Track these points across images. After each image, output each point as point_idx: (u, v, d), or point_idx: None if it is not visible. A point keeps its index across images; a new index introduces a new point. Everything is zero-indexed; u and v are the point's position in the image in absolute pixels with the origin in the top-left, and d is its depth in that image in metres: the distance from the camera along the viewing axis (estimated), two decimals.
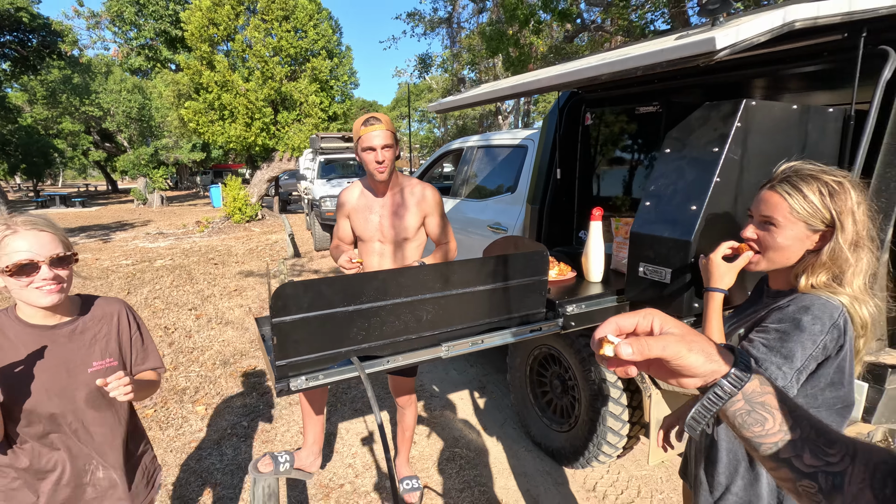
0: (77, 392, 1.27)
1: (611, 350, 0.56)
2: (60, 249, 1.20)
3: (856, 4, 1.25)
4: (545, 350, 2.78)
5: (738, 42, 1.06)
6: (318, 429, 2.16)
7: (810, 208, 1.02)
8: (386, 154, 1.90)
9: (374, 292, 1.14)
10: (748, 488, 1.11)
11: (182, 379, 3.97)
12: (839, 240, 1.01)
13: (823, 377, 1.04)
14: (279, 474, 1.98)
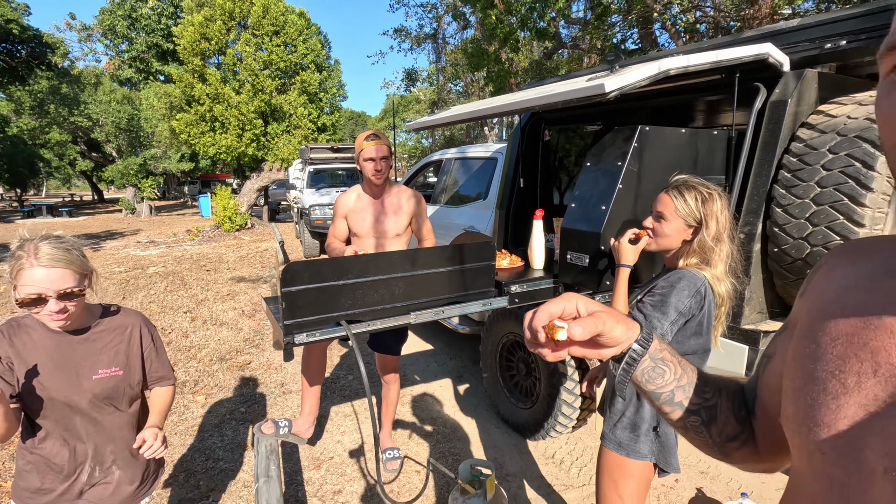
0: (83, 395, 1.36)
1: (564, 334, 0.58)
2: (71, 283, 1.27)
3: (722, 55, 1.67)
4: (511, 338, 3.17)
5: (623, 86, 1.47)
6: (313, 401, 2.51)
7: (687, 209, 1.43)
8: (383, 164, 2.32)
9: (358, 271, 1.51)
10: (635, 413, 1.50)
11: (182, 373, 4.27)
12: (704, 234, 1.41)
13: (689, 329, 1.44)
14: (279, 437, 2.32)
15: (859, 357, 0.47)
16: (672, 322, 1.39)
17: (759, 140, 1.85)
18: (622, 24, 8.38)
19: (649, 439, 1.49)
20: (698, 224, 1.42)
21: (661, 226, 1.47)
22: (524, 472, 2.78)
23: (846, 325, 0.50)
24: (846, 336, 0.49)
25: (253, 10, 12.32)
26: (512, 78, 11.37)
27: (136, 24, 18.57)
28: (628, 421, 1.51)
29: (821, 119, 1.76)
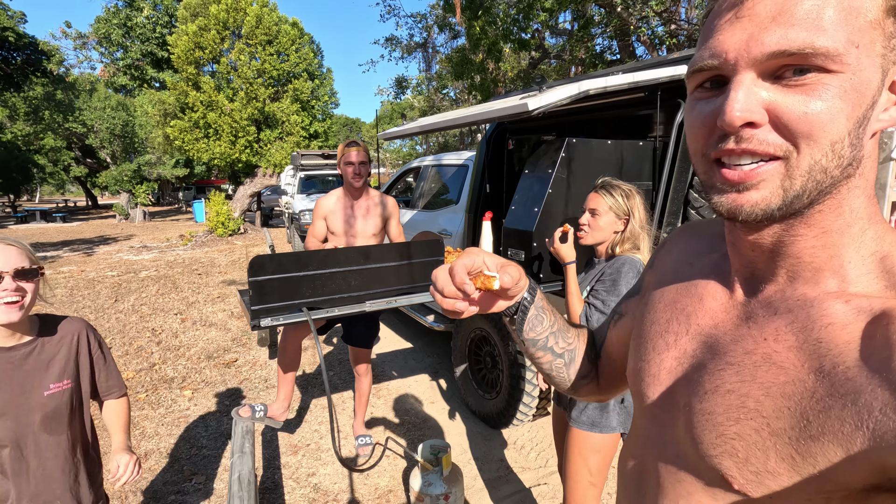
0: (32, 415, 1.25)
1: (498, 283, 0.58)
2: (26, 263, 1.21)
3: (637, 77, 1.92)
4: (479, 333, 3.39)
5: (544, 105, 1.70)
6: (288, 388, 2.73)
7: (616, 204, 1.68)
8: (362, 168, 2.57)
9: (317, 264, 1.74)
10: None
11: (170, 370, 4.46)
12: (633, 223, 1.67)
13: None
14: (254, 420, 2.53)
15: (678, 319, 0.57)
16: (617, 297, 1.62)
17: (679, 151, 2.10)
18: (603, 36, 8.70)
19: (616, 412, 1.68)
20: (626, 216, 1.67)
21: (596, 220, 1.70)
22: (486, 457, 2.99)
23: (672, 292, 0.60)
24: (671, 302, 0.59)
25: (247, 20, 12.59)
26: (500, 87, 11.66)
27: (131, 32, 18.82)
28: (594, 404, 1.69)
29: None
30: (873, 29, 0.39)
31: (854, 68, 0.38)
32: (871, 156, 0.44)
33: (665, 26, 7.53)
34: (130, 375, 4.32)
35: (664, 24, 7.39)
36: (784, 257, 0.47)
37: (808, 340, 0.42)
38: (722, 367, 0.48)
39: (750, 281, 0.51)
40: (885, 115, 0.42)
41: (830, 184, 0.42)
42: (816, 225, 0.44)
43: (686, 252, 0.64)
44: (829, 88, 0.39)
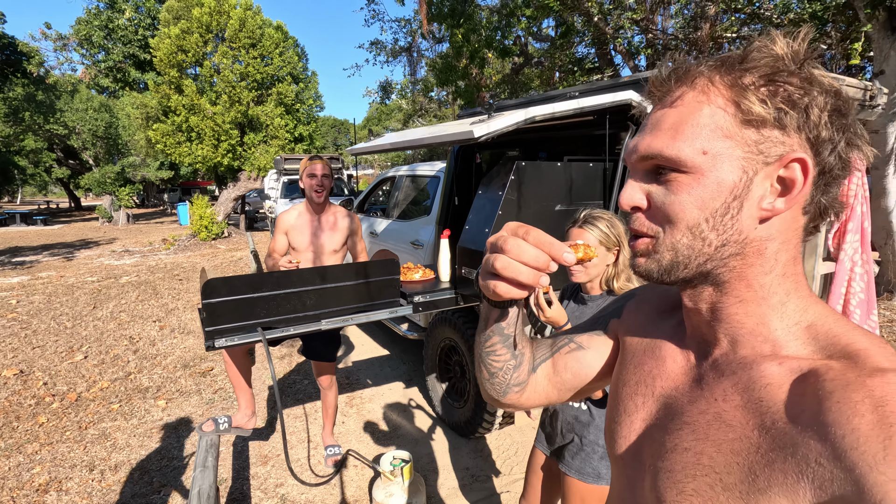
0: None
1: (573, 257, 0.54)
2: None
3: (583, 103, 2.00)
4: (448, 343, 3.46)
5: (491, 132, 1.78)
6: (247, 396, 2.76)
7: (604, 236, 1.56)
8: (324, 181, 2.57)
9: (272, 285, 1.79)
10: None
11: (145, 380, 4.47)
12: (624, 252, 1.58)
13: None
14: (220, 432, 2.57)
15: (645, 382, 0.61)
16: None
17: (627, 170, 2.19)
18: (582, 44, 8.83)
19: None
20: (617, 246, 1.58)
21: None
22: (453, 465, 3.06)
23: (640, 353, 0.64)
24: (639, 364, 0.63)
25: (230, 24, 12.55)
26: (483, 91, 11.76)
27: (113, 34, 18.62)
28: (602, 450, 1.59)
29: None
30: (727, 138, 0.49)
31: (705, 170, 0.49)
32: (772, 238, 0.50)
33: (642, 35, 7.67)
34: (105, 385, 4.33)
35: (642, 34, 7.54)
36: (720, 321, 0.53)
37: (751, 399, 0.47)
38: (680, 427, 0.52)
39: (701, 344, 0.56)
40: (767, 204, 0.49)
41: (709, 258, 0.51)
42: (731, 293, 0.52)
43: (653, 313, 0.68)
44: (682, 185, 0.50)
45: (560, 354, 0.78)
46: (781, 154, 0.48)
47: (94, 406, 3.96)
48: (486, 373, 0.75)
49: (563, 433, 1.68)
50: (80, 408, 3.93)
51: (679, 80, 0.52)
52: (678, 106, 0.51)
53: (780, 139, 0.48)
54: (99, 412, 3.85)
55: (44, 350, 5.27)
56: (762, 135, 0.48)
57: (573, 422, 1.65)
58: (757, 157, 0.48)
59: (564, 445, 1.68)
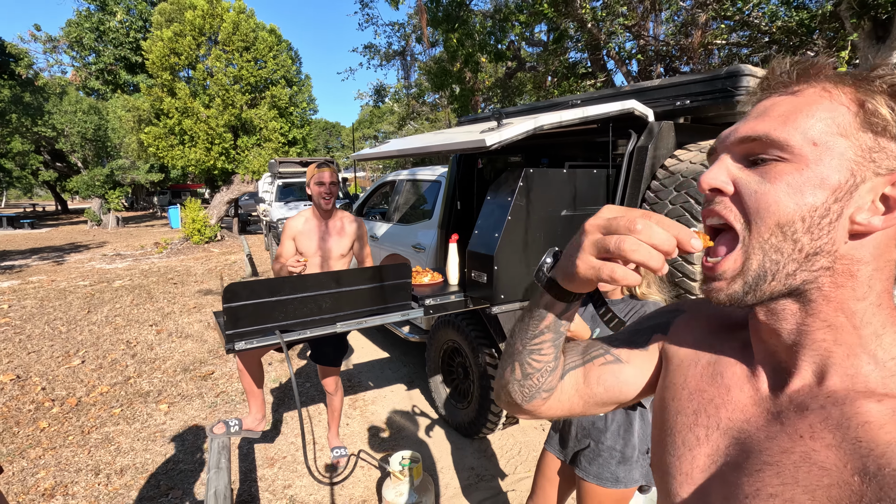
0: None
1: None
2: None
3: (588, 112, 2.08)
4: (451, 345, 3.51)
5: (502, 141, 1.85)
6: (258, 400, 2.80)
7: None
8: (332, 188, 2.62)
9: (289, 289, 1.84)
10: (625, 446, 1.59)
11: (146, 384, 4.47)
12: None
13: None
14: (231, 435, 2.61)
15: (706, 411, 0.54)
16: None
17: (630, 177, 2.27)
18: (575, 49, 8.97)
19: (639, 464, 1.58)
20: None
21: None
22: (458, 465, 3.11)
23: (696, 378, 0.58)
24: (697, 390, 0.57)
25: (223, 27, 12.53)
26: (477, 95, 11.86)
27: (104, 36, 18.47)
28: (620, 455, 1.59)
29: (673, 162, 2.18)
30: (842, 136, 0.45)
31: (811, 161, 0.45)
32: (865, 262, 0.46)
33: (634, 41, 7.81)
34: (105, 390, 4.32)
35: (634, 39, 7.68)
36: (802, 348, 0.48)
37: (846, 439, 0.41)
38: (760, 468, 0.46)
39: (776, 372, 0.51)
40: (862, 219, 0.45)
41: (799, 267, 0.46)
42: (819, 316, 0.47)
43: (709, 331, 0.62)
44: (781, 173, 0.46)
45: (593, 365, 0.71)
46: (894, 169, 0.44)
47: (96, 410, 3.95)
48: (520, 372, 0.69)
49: (579, 437, 1.67)
50: (81, 412, 3.93)
51: (802, 73, 0.49)
52: (796, 95, 0.48)
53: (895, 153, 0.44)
54: (101, 416, 3.85)
55: (39, 355, 5.24)
56: (878, 143, 0.45)
57: (589, 427, 1.64)
58: (868, 164, 0.45)
59: (580, 450, 1.66)
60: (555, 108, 2.77)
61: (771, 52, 7.28)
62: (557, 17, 7.52)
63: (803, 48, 7.01)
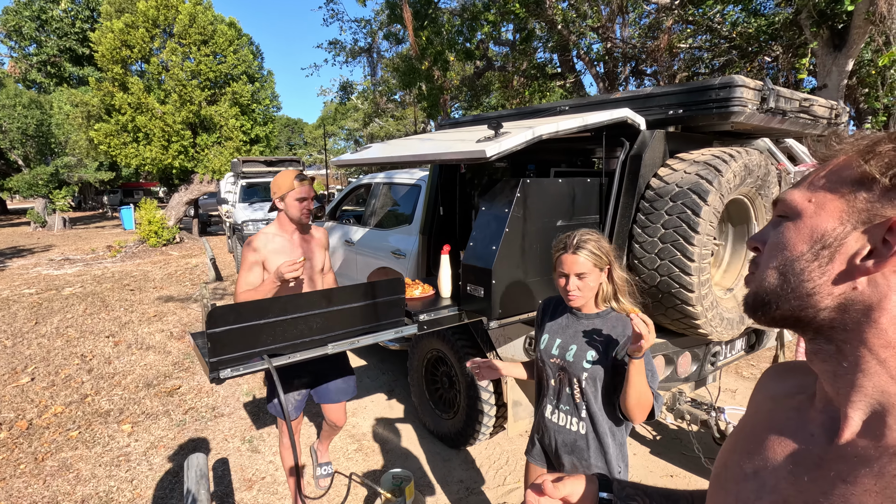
0: None
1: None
2: None
3: (588, 120, 2.04)
4: (435, 353, 3.43)
5: (501, 151, 1.78)
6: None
7: (595, 257, 1.56)
8: (311, 203, 2.34)
9: (277, 311, 1.71)
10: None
11: (105, 402, 4.17)
12: (615, 268, 1.60)
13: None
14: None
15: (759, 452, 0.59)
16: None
17: (623, 186, 2.25)
18: (543, 50, 9.02)
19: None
20: (607, 265, 1.59)
21: (586, 281, 1.57)
22: (446, 479, 3.04)
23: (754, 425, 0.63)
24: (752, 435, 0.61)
25: (179, 18, 11.93)
26: (445, 94, 11.77)
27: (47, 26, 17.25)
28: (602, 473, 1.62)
29: (666, 171, 2.18)
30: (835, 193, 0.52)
31: (805, 215, 0.53)
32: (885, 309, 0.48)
33: (602, 44, 7.92)
34: (59, 410, 4.01)
35: (602, 42, 7.78)
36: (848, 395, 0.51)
37: (889, 486, 0.43)
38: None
39: (832, 420, 0.53)
40: (860, 262, 0.49)
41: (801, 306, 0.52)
42: (852, 360, 0.50)
43: (775, 391, 0.67)
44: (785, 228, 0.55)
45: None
46: (889, 216, 0.48)
47: (50, 434, 3.66)
48: None
49: (560, 455, 1.69)
50: (33, 437, 3.62)
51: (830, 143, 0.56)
52: (824, 164, 0.56)
53: (891, 203, 0.48)
54: (56, 441, 3.56)
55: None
56: (873, 195, 0.49)
57: (572, 444, 1.66)
58: (860, 214, 0.50)
59: (565, 465, 1.68)
60: (544, 113, 2.73)
61: (732, 56, 7.53)
62: (527, 17, 7.53)
63: (762, 54, 7.29)
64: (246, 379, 4.50)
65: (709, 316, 2.15)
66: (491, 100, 13.75)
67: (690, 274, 2.02)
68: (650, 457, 3.25)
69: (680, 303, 2.10)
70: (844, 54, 5.10)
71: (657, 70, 8.48)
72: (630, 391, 1.46)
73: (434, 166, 3.50)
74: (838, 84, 5.14)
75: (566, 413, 1.66)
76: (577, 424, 1.64)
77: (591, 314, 1.65)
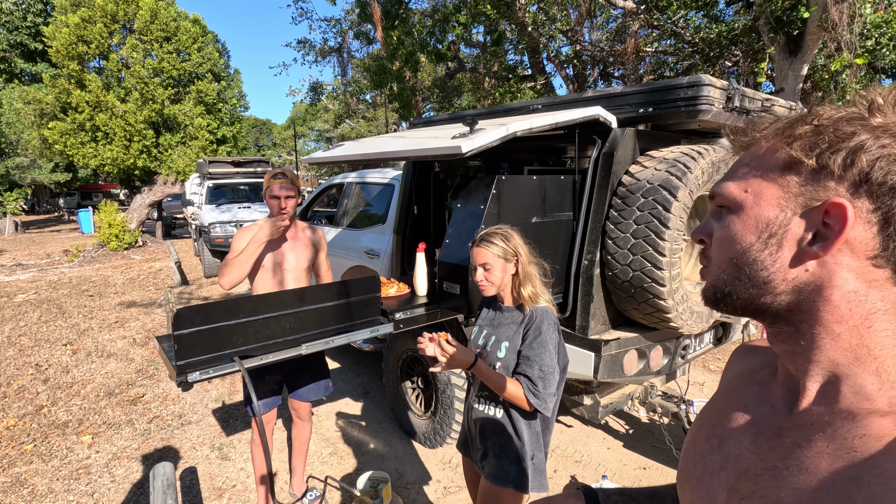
0: None
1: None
2: None
3: (559, 117, 2.06)
4: (410, 354, 3.40)
5: (476, 147, 1.77)
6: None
7: (500, 250, 1.66)
8: (288, 202, 2.32)
9: (248, 311, 1.66)
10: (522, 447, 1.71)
11: (63, 413, 3.97)
12: (522, 261, 1.68)
13: (559, 352, 1.71)
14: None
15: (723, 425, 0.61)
16: (552, 356, 1.63)
17: (596, 183, 2.28)
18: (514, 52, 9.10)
19: (531, 471, 1.69)
20: (515, 256, 1.68)
21: (491, 272, 1.69)
22: (423, 479, 3.02)
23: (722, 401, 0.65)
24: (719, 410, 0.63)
25: (139, 14, 11.51)
26: (417, 95, 11.75)
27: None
28: (515, 456, 1.69)
29: (638, 168, 2.22)
30: (769, 180, 0.53)
31: (746, 206, 0.54)
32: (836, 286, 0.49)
33: (571, 47, 8.06)
34: (12, 423, 3.79)
35: (571, 44, 7.91)
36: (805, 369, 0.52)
37: (841, 448, 0.45)
38: (759, 473, 0.51)
39: (791, 392, 0.55)
40: (807, 247, 0.50)
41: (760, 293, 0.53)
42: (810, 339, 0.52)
43: (741, 368, 0.70)
44: (729, 221, 0.56)
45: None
46: (824, 199, 0.49)
47: (2, 448, 3.45)
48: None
49: (478, 438, 1.80)
50: None
51: (750, 131, 0.58)
52: (745, 151, 0.58)
53: (822, 184, 0.49)
54: (9, 455, 3.36)
55: None
56: (804, 178, 0.50)
57: (489, 430, 1.76)
58: (797, 198, 0.51)
59: (479, 449, 1.79)
60: (517, 112, 2.74)
61: (695, 60, 7.78)
62: (498, 18, 7.59)
63: (723, 59, 7.55)
64: (215, 385, 4.36)
65: (680, 309, 2.20)
66: (463, 101, 13.80)
67: (662, 268, 2.06)
68: (624, 450, 3.31)
69: (652, 297, 2.14)
70: (800, 59, 5.33)
71: (625, 73, 8.68)
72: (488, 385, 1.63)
73: (407, 165, 3.48)
74: (794, 87, 5.37)
75: (485, 399, 1.78)
76: (494, 410, 1.75)
77: (510, 307, 1.76)
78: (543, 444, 1.75)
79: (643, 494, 0.84)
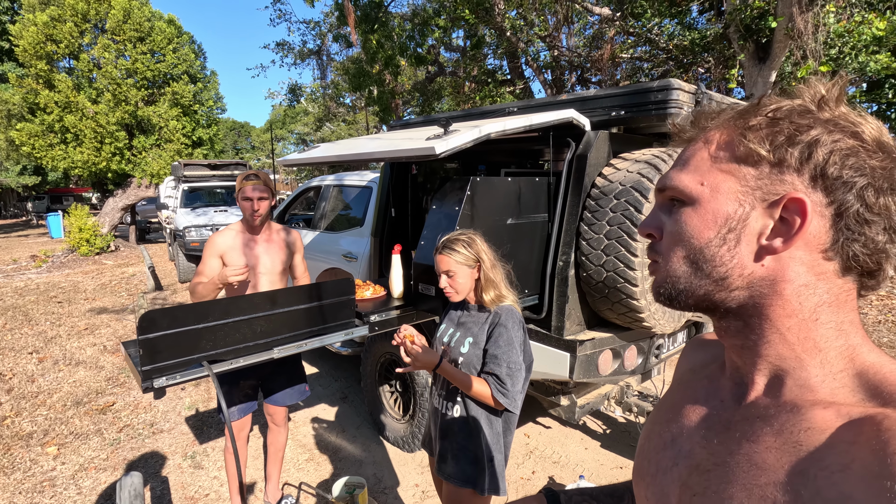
0: None
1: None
2: None
3: (533, 120, 2.08)
4: (388, 357, 3.38)
5: (450, 149, 1.78)
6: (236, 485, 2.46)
7: (463, 256, 1.68)
8: (261, 204, 2.29)
9: (218, 314, 1.62)
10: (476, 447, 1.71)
11: (27, 424, 3.82)
12: (485, 267, 1.69)
13: (524, 350, 1.73)
14: None
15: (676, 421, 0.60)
16: (518, 352, 1.65)
17: (570, 186, 2.30)
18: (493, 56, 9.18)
19: (490, 472, 1.68)
20: (477, 262, 1.70)
21: (455, 279, 1.70)
22: (401, 483, 2.99)
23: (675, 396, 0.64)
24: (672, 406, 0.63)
25: (112, 13, 11.25)
26: (397, 98, 11.73)
27: None
28: (473, 455, 1.69)
29: (610, 171, 2.25)
30: (726, 173, 0.51)
31: (702, 200, 0.52)
32: (789, 280, 0.49)
33: (549, 52, 8.16)
34: None
35: (549, 50, 8.02)
36: (753, 363, 0.52)
37: (787, 442, 0.45)
38: (710, 469, 0.51)
39: (739, 386, 0.55)
40: (766, 242, 0.49)
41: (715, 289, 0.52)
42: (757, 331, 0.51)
43: (692, 363, 0.70)
44: (684, 215, 0.54)
45: None
46: (783, 193, 0.48)
47: None
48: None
49: (438, 438, 1.79)
50: None
51: (695, 122, 0.56)
52: (693, 143, 0.56)
53: (780, 178, 0.49)
54: None
55: None
56: (762, 172, 0.49)
57: (446, 429, 1.75)
58: (755, 192, 0.50)
59: (439, 450, 1.78)
60: (492, 115, 2.76)
61: (669, 66, 7.96)
62: (477, 23, 7.64)
63: (696, 65, 7.74)
64: (188, 392, 4.26)
65: (652, 309, 2.23)
66: (443, 105, 13.84)
67: (634, 269, 2.09)
68: (601, 450, 3.34)
69: (625, 297, 2.17)
70: (768, 66, 5.50)
71: (601, 78, 8.83)
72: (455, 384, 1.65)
73: (385, 168, 3.46)
74: (763, 93, 5.52)
75: (444, 398, 1.77)
76: (453, 409, 1.74)
77: (474, 306, 1.77)
78: (504, 446, 1.73)
79: (604, 493, 0.84)
